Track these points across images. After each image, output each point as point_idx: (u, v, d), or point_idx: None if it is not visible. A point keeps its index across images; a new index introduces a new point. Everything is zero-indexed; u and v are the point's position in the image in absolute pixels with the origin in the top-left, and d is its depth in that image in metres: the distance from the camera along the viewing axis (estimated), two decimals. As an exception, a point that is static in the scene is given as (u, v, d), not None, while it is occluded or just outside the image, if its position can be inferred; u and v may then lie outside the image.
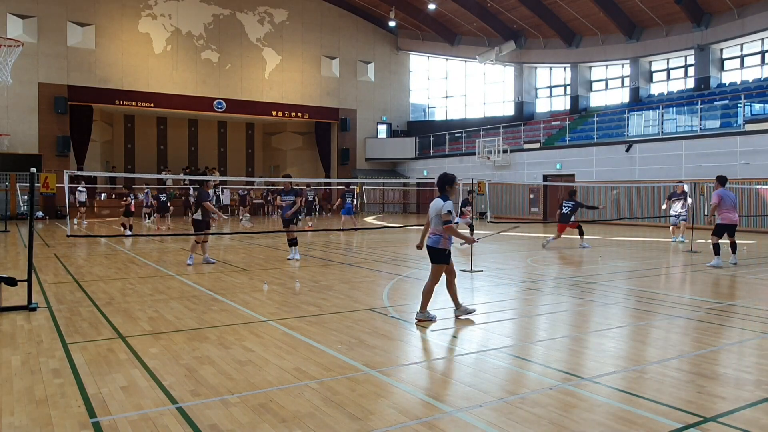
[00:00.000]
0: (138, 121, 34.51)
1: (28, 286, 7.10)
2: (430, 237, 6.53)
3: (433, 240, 6.48)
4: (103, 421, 3.68)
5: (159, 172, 32.47)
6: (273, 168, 37.76)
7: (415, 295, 8.40)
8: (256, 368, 4.75)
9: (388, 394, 4.22)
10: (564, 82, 33.82)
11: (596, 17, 29.22)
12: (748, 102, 22.06)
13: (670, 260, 12.90)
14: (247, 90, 33.49)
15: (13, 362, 4.90)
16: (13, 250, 14.03)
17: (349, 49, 36.90)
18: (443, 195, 6.52)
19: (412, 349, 5.53)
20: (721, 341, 5.70)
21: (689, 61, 28.01)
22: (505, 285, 9.17)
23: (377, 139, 37.92)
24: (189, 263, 11.08)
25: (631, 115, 25.82)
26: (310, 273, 10.32)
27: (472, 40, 36.09)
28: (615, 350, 5.42)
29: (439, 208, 6.40)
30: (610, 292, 8.45)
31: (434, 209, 6.48)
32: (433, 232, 6.51)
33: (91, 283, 9.02)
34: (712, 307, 7.38)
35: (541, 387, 4.36)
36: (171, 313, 6.89)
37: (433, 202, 6.57)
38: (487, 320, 6.56)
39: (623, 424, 3.66)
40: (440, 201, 6.46)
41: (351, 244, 16.23)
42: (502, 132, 31.48)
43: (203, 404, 3.97)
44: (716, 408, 3.93)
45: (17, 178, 25.52)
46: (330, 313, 6.91)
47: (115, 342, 5.56)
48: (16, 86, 24.75)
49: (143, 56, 30.71)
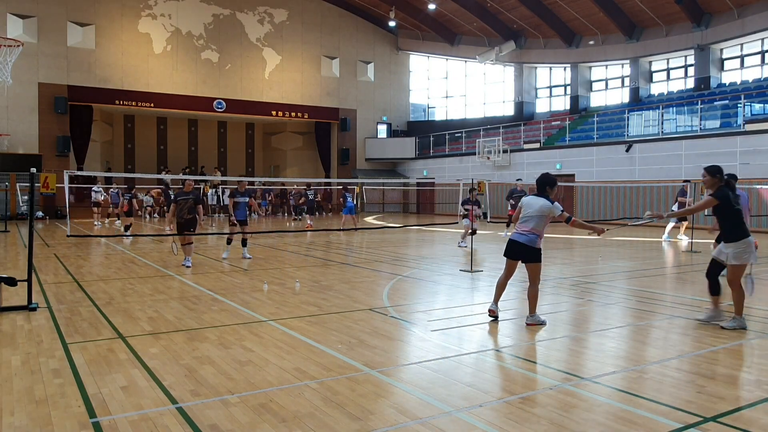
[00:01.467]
0: (138, 121, 34.51)
1: (28, 286, 7.10)
2: (526, 235, 6.25)
3: (530, 239, 6.23)
4: (103, 421, 3.68)
5: (159, 172, 32.47)
6: (273, 168, 37.77)
7: (415, 295, 8.41)
8: (256, 368, 4.75)
9: (388, 394, 4.22)
10: (564, 82, 33.82)
11: (596, 17, 29.22)
12: (748, 102, 22.06)
13: (670, 260, 12.90)
14: (247, 90, 33.49)
15: (13, 362, 4.90)
16: (13, 250, 14.03)
17: (349, 49, 36.90)
18: (544, 195, 6.30)
19: (412, 349, 5.53)
20: (721, 341, 5.70)
21: (689, 61, 28.02)
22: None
23: (377, 139, 37.92)
24: (188, 265, 10.99)
25: (631, 115, 25.82)
26: (310, 273, 10.32)
27: (472, 40, 36.09)
28: (615, 350, 5.42)
29: (545, 208, 6.18)
30: (610, 292, 8.45)
31: (535, 208, 6.23)
32: (531, 231, 6.24)
33: (91, 283, 9.02)
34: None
35: (541, 387, 4.36)
36: (171, 313, 6.89)
37: (530, 200, 6.34)
38: (487, 320, 6.56)
39: (623, 424, 3.66)
40: (543, 201, 6.23)
41: (351, 244, 16.23)
42: (502, 132, 31.49)
43: (203, 404, 3.97)
44: (716, 408, 3.93)
45: (17, 178, 25.51)
46: (330, 313, 6.91)
47: (115, 342, 5.56)
48: (16, 86, 24.74)
49: (143, 56, 30.72)
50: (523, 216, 6.34)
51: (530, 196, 6.46)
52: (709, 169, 6.37)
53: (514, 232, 6.42)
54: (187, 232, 11.07)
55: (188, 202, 11.02)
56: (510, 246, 6.41)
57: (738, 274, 6.22)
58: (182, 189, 11.36)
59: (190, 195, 11.11)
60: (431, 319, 6.64)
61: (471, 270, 10.37)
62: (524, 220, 6.32)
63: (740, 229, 6.13)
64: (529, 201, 6.38)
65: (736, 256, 6.13)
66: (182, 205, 11.02)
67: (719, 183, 6.26)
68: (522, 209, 6.40)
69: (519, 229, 6.35)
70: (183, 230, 11.06)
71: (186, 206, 11.00)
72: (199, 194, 11.51)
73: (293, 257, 12.88)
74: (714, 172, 6.30)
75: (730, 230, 6.14)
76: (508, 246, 6.43)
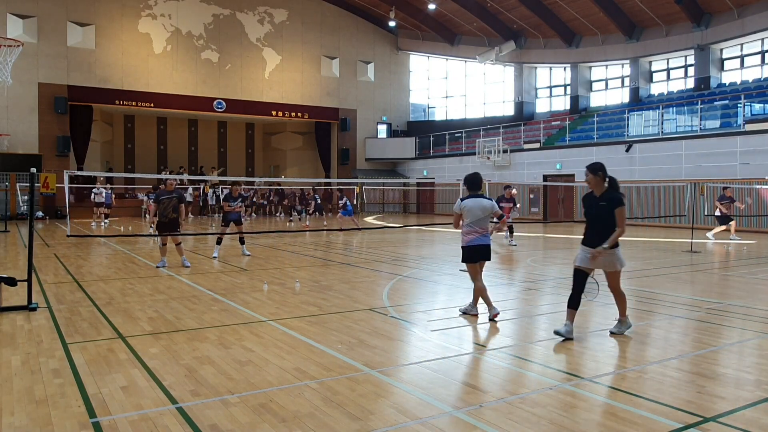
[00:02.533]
0: (138, 121, 34.50)
1: (28, 286, 7.10)
2: (487, 236, 6.64)
3: (489, 238, 6.69)
4: (103, 421, 3.68)
5: (159, 172, 32.46)
6: (273, 168, 37.76)
7: (415, 295, 8.41)
8: (256, 368, 4.75)
9: (388, 394, 4.22)
10: (564, 82, 33.81)
11: (596, 17, 29.21)
12: (748, 102, 22.06)
13: (670, 260, 12.89)
14: (247, 90, 33.49)
15: (13, 362, 4.90)
16: (13, 250, 14.03)
17: (349, 49, 36.90)
18: (482, 195, 6.59)
19: (412, 349, 5.53)
20: (721, 341, 5.70)
21: (689, 61, 28.01)
22: (505, 285, 9.17)
23: (377, 139, 37.92)
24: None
25: (631, 115, 25.82)
26: (310, 273, 10.32)
27: (472, 40, 36.09)
28: (615, 350, 5.42)
29: (490, 207, 6.61)
30: (610, 293, 8.43)
31: (487, 210, 6.57)
32: (487, 230, 6.65)
33: (91, 283, 9.02)
34: (712, 307, 7.38)
35: (541, 387, 4.36)
36: (171, 313, 6.89)
37: (481, 202, 6.58)
38: (487, 320, 6.56)
39: (623, 424, 3.66)
40: (488, 201, 6.62)
41: (351, 244, 16.23)
42: (502, 132, 31.49)
43: (203, 404, 3.97)
44: (716, 408, 3.93)
45: (17, 178, 25.51)
46: (330, 313, 6.91)
47: (115, 342, 5.56)
48: (16, 86, 24.73)
49: (143, 56, 30.71)
50: (478, 218, 6.55)
51: (474, 198, 6.62)
52: (591, 167, 5.79)
53: (479, 236, 6.59)
54: (173, 232, 10.92)
55: (172, 201, 10.85)
56: (481, 250, 6.60)
57: (618, 278, 6.05)
58: (164, 188, 11.17)
59: (173, 194, 10.91)
60: (431, 319, 6.64)
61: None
62: (479, 221, 6.55)
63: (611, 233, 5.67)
64: (480, 203, 6.58)
65: (615, 262, 5.89)
66: (166, 204, 10.83)
67: (603, 182, 5.75)
68: (472, 211, 6.55)
69: (480, 232, 6.56)
70: (167, 230, 10.92)
71: (170, 205, 10.82)
72: (182, 193, 11.40)
73: (293, 257, 12.89)
74: (596, 170, 5.74)
75: (608, 235, 5.71)
76: (479, 250, 6.59)
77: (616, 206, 5.68)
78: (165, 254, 11.12)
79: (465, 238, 6.62)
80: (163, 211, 10.86)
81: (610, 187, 5.78)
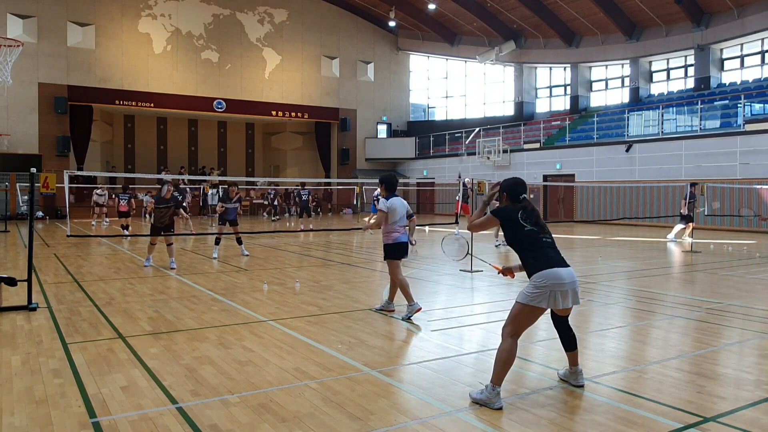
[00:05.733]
0: (138, 121, 34.49)
1: (28, 286, 7.10)
2: (406, 234, 6.88)
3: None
4: (103, 421, 3.68)
5: (159, 173, 32.45)
6: (273, 168, 37.75)
7: (415, 295, 8.37)
8: (256, 368, 4.75)
9: (388, 394, 4.22)
10: (564, 82, 33.81)
11: (596, 17, 29.21)
12: (748, 102, 22.05)
13: (670, 260, 12.89)
14: (247, 90, 33.48)
15: (13, 362, 4.90)
16: (13, 250, 14.03)
17: (349, 49, 36.89)
18: (398, 195, 6.86)
19: (412, 349, 5.53)
20: (721, 341, 5.70)
21: (689, 61, 28.01)
22: (505, 285, 9.16)
23: (377, 139, 37.91)
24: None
25: (631, 115, 25.81)
26: (310, 273, 10.32)
27: (472, 40, 36.08)
28: (615, 350, 5.42)
29: (407, 207, 6.90)
30: (610, 292, 8.44)
31: (406, 209, 6.83)
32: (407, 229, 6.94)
33: (91, 283, 9.02)
34: (712, 307, 7.38)
35: (541, 387, 4.36)
36: (171, 313, 6.89)
37: (401, 202, 6.81)
38: (487, 320, 6.56)
39: (623, 424, 3.66)
40: (404, 201, 6.90)
41: (351, 244, 16.23)
42: (502, 132, 31.49)
43: (203, 404, 3.97)
44: (716, 408, 3.93)
45: (17, 178, 25.51)
46: (330, 313, 6.91)
47: (115, 342, 5.56)
48: (16, 86, 24.73)
49: (143, 56, 30.70)
50: (401, 218, 6.75)
51: (395, 198, 6.81)
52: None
53: (401, 234, 6.76)
54: (166, 233, 10.92)
55: (170, 210, 10.86)
56: (404, 247, 6.79)
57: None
58: (160, 194, 11.00)
59: (170, 203, 10.85)
60: (431, 319, 6.64)
61: (471, 270, 10.36)
62: (400, 220, 6.74)
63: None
64: (403, 203, 6.84)
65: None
66: (163, 213, 10.81)
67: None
68: (398, 211, 6.73)
69: (402, 231, 6.76)
70: (159, 233, 10.92)
71: (167, 214, 10.82)
72: (178, 199, 11.38)
73: (293, 257, 12.88)
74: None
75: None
76: (402, 248, 6.77)
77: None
78: (152, 252, 11.17)
79: (391, 236, 6.73)
80: (160, 218, 10.87)
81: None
